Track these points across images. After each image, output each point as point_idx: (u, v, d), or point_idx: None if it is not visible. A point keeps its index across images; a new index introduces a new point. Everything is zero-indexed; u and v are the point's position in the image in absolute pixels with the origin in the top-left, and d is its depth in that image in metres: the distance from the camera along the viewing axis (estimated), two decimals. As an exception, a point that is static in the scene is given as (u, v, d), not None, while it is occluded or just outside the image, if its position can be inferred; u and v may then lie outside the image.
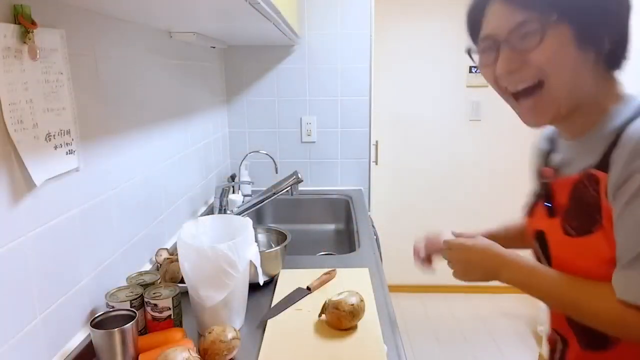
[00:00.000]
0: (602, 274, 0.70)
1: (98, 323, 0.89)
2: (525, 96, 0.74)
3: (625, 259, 0.67)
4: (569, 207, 0.77)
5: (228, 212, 1.82)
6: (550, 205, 0.82)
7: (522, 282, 0.80)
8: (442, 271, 1.09)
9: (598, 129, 0.75)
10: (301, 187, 1.86)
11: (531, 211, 0.90)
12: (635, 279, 0.65)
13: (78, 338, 0.95)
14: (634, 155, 0.65)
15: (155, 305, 1.00)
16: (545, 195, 0.83)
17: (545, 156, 0.91)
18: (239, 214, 1.70)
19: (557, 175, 0.83)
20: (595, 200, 0.71)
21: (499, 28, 0.73)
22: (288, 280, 1.30)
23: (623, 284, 0.67)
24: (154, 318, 1.00)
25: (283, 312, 1.14)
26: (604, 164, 0.71)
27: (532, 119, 0.77)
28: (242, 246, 1.01)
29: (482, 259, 0.85)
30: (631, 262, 0.66)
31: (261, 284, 1.12)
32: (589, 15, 0.69)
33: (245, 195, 2.07)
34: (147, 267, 1.31)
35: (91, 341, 0.88)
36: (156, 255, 1.34)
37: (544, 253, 0.83)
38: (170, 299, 1.00)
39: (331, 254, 1.70)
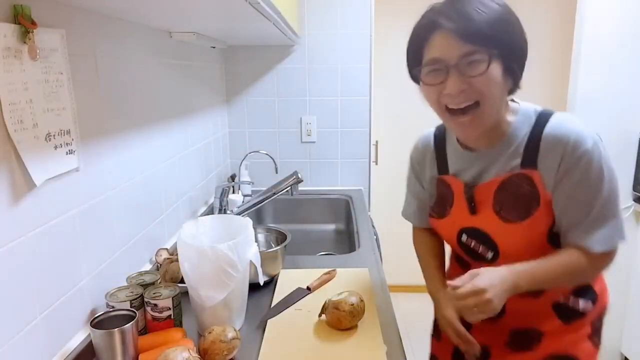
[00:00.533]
0: (541, 243, 0.94)
1: (98, 323, 0.89)
2: (463, 113, 0.88)
3: (584, 224, 0.90)
4: (498, 201, 0.94)
5: (228, 212, 1.82)
6: (473, 204, 0.99)
7: (537, 282, 0.91)
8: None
9: (507, 139, 0.94)
10: (301, 187, 1.86)
11: (443, 214, 1.05)
12: (602, 234, 0.89)
13: (78, 338, 0.95)
14: (569, 152, 0.87)
15: (155, 305, 1.00)
16: (468, 197, 0.99)
17: (439, 166, 1.07)
18: (239, 214, 1.70)
19: (458, 181, 1.01)
20: (531, 191, 0.91)
21: (448, 54, 0.85)
22: (288, 280, 1.30)
23: (596, 241, 0.89)
24: (154, 318, 1.00)
25: (283, 312, 1.14)
26: (529, 164, 0.91)
27: (467, 132, 0.93)
28: (242, 246, 1.01)
29: (502, 283, 0.87)
30: (592, 224, 0.89)
31: (261, 284, 1.12)
32: (515, 54, 0.87)
33: (245, 195, 2.07)
34: (147, 267, 1.31)
35: (91, 341, 0.88)
36: (156, 255, 1.34)
37: (485, 242, 0.99)
38: (170, 299, 1.00)
39: (331, 254, 1.70)
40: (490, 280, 0.86)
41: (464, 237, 1.03)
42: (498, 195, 0.95)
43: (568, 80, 2.38)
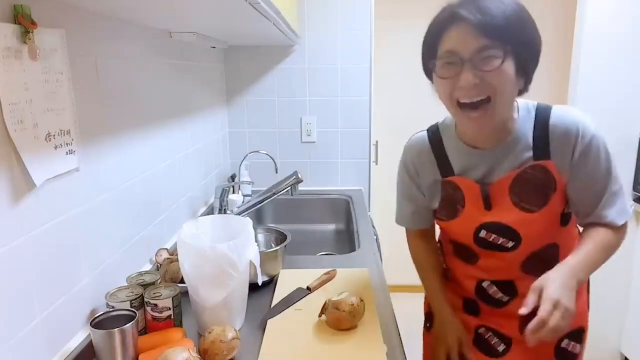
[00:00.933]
0: (556, 224, 1.01)
1: (98, 323, 0.89)
2: (474, 108, 0.89)
3: (603, 200, 0.96)
4: (516, 194, 0.97)
5: (228, 212, 1.82)
6: (488, 201, 1.01)
7: (590, 270, 0.96)
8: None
9: (516, 135, 0.97)
10: (301, 187, 1.86)
11: (453, 215, 1.06)
12: (620, 207, 0.97)
13: (78, 338, 0.95)
14: (580, 138, 0.93)
15: (155, 305, 1.00)
16: (482, 193, 1.00)
17: (441, 168, 1.06)
18: (239, 214, 1.70)
19: (468, 180, 1.02)
20: (547, 179, 0.96)
21: (463, 47, 0.86)
22: (288, 280, 1.30)
23: (618, 214, 0.97)
24: (154, 318, 1.00)
25: (283, 312, 1.13)
26: (542, 155, 0.96)
27: (477, 128, 0.94)
28: (242, 246, 1.01)
29: (568, 285, 0.88)
30: (611, 199, 0.97)
31: (260, 284, 1.12)
32: (529, 54, 0.89)
33: (245, 195, 2.07)
34: (147, 267, 1.31)
35: (91, 341, 0.88)
36: (156, 255, 1.34)
37: (505, 234, 1.01)
38: (170, 299, 1.00)
39: (331, 254, 1.70)
40: (558, 288, 0.86)
41: (483, 233, 1.03)
42: (514, 188, 0.98)
43: (568, 80, 2.38)
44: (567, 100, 2.38)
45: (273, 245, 1.43)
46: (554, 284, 0.86)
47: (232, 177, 2.20)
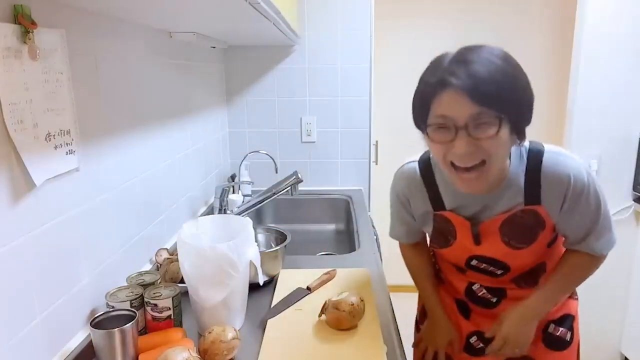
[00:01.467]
0: (543, 251, 1.05)
1: (98, 323, 0.89)
2: (468, 171, 0.89)
3: (590, 236, 1.00)
4: (505, 234, 1.00)
5: (228, 212, 1.82)
6: (478, 238, 1.04)
7: (560, 298, 1.10)
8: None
9: (507, 182, 0.98)
10: (301, 187, 1.86)
11: (446, 244, 1.09)
12: (605, 240, 1.01)
13: (78, 338, 0.95)
14: (571, 189, 0.94)
15: (155, 305, 1.00)
16: (473, 230, 1.03)
17: (433, 202, 1.07)
18: (239, 214, 1.70)
19: (459, 217, 1.03)
20: (537, 220, 0.98)
21: (456, 112, 0.84)
22: (288, 280, 1.30)
23: (603, 247, 1.02)
24: (154, 318, 1.00)
25: (283, 312, 1.13)
26: (533, 201, 0.97)
27: (471, 188, 0.93)
28: (242, 246, 1.01)
29: (524, 323, 1.05)
30: (597, 234, 1.00)
31: (261, 284, 1.12)
32: (522, 114, 0.88)
33: (245, 195, 2.07)
34: (147, 267, 1.31)
35: (91, 341, 0.88)
36: (156, 255, 1.34)
37: (495, 264, 1.07)
38: (170, 299, 1.00)
39: (331, 254, 1.70)
40: (512, 325, 1.04)
41: (474, 262, 1.08)
42: (504, 229, 1.00)
43: (568, 80, 2.38)
44: (567, 101, 2.38)
45: (273, 245, 1.43)
46: (510, 321, 1.04)
47: (232, 177, 2.20)
